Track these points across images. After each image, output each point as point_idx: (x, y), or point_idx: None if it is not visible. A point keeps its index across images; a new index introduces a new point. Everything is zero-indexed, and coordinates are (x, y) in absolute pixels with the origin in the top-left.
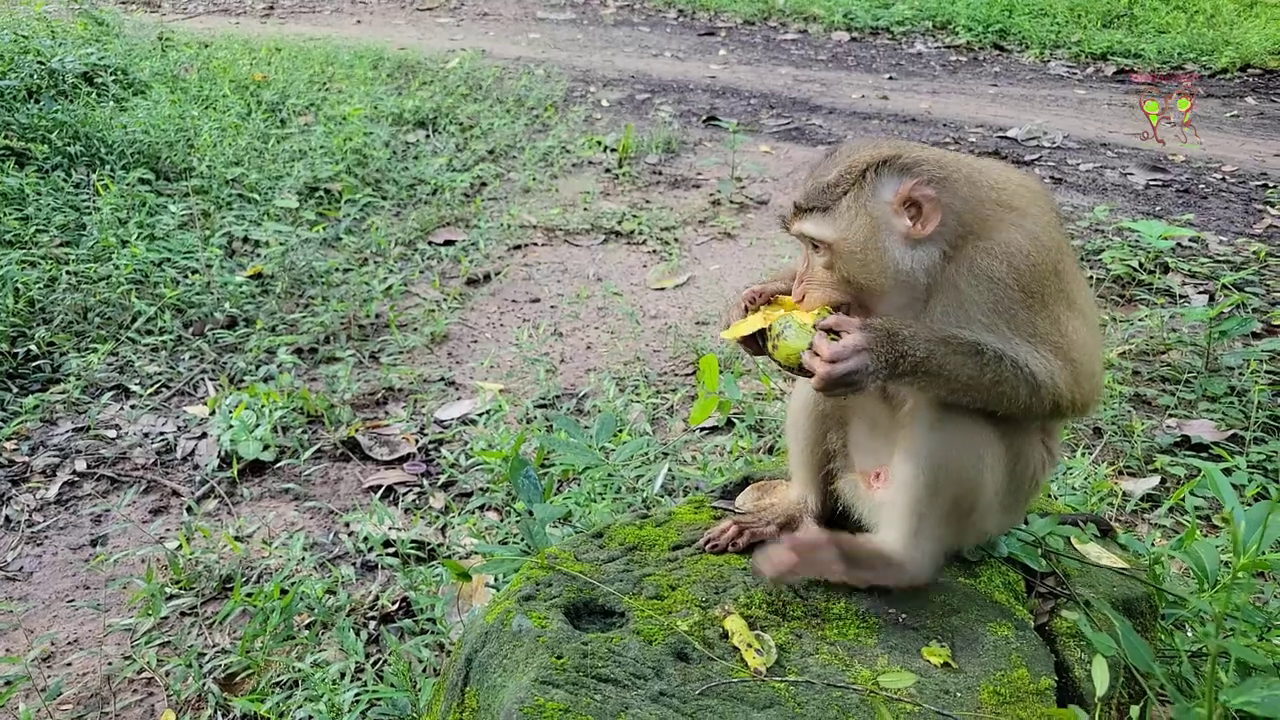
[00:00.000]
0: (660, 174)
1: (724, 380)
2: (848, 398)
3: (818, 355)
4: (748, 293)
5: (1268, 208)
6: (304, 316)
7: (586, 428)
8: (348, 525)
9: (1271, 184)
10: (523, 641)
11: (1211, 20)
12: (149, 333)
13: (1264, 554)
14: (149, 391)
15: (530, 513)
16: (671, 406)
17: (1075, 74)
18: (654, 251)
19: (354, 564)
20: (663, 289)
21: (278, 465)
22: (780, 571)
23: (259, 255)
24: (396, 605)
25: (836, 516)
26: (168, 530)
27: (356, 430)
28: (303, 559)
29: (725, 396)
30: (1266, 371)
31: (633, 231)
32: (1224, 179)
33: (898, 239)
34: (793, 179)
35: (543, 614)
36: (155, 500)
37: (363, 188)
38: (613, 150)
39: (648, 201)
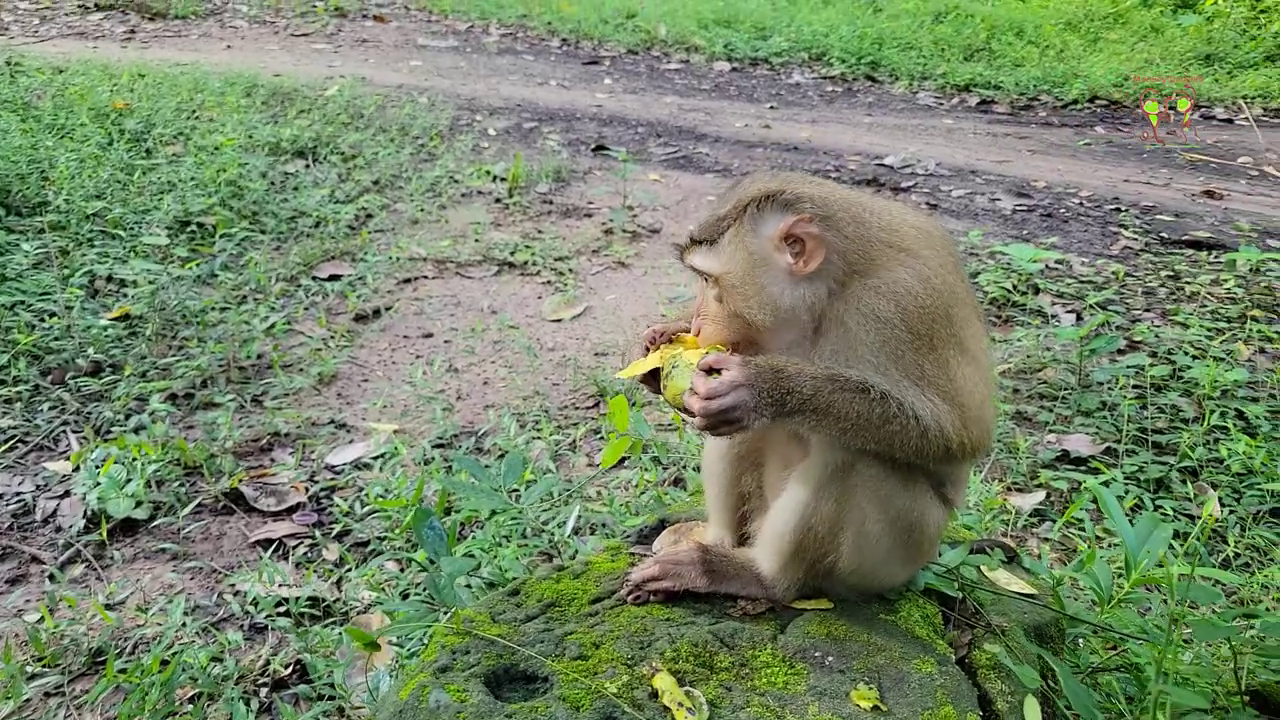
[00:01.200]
0: (551, 203)
1: (634, 419)
2: (735, 435)
3: (695, 393)
4: (649, 332)
5: (1122, 230)
6: (178, 360)
7: (488, 467)
8: (233, 585)
9: (1123, 208)
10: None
11: (1061, 54)
12: (1, 383)
13: (1151, 567)
14: (1, 448)
15: (433, 562)
16: (574, 442)
17: (942, 104)
18: (548, 282)
19: (241, 627)
20: (559, 320)
21: (152, 523)
22: (644, 579)
23: (126, 295)
24: (290, 669)
25: None
26: (27, 601)
27: (240, 480)
28: (184, 625)
29: (637, 436)
30: (1133, 386)
31: (526, 262)
32: (1081, 203)
33: (779, 275)
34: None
35: (461, 686)
36: (11, 569)
37: (239, 221)
38: (502, 179)
39: (540, 231)
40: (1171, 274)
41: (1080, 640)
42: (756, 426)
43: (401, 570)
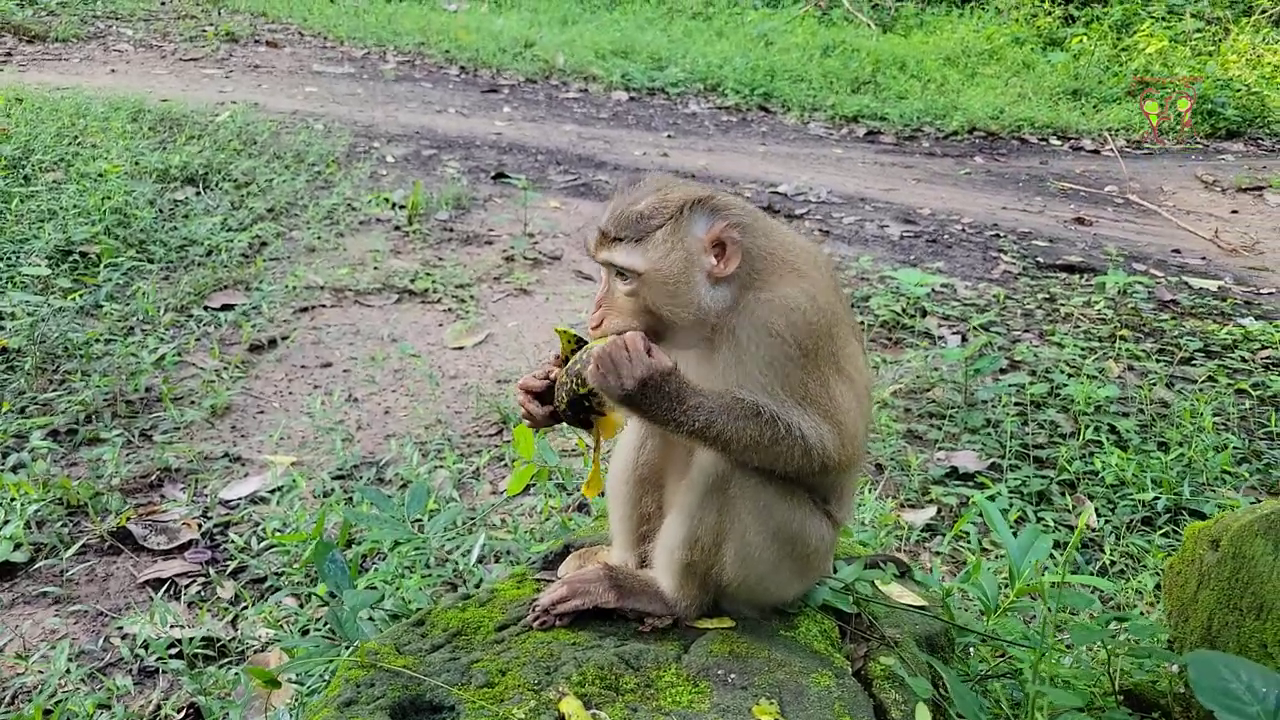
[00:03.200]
0: (452, 231)
1: (539, 446)
2: (607, 404)
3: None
4: (540, 372)
5: (1001, 255)
6: (60, 395)
7: (390, 498)
8: (121, 628)
9: (1002, 234)
10: None
11: (941, 88)
12: None
13: (1033, 577)
14: None
15: (335, 595)
16: (478, 470)
17: (832, 134)
18: (450, 310)
19: (130, 671)
20: (461, 348)
21: (33, 566)
22: (553, 601)
23: (3, 328)
24: (184, 714)
25: None
26: None
27: (128, 519)
28: (68, 672)
29: (542, 464)
30: (1015, 403)
31: (427, 290)
32: (964, 229)
33: (702, 276)
34: (596, 216)
35: (366, 719)
36: None
37: (125, 250)
38: (401, 207)
39: (440, 259)
40: (1048, 296)
41: (971, 649)
42: (655, 413)
43: (301, 606)
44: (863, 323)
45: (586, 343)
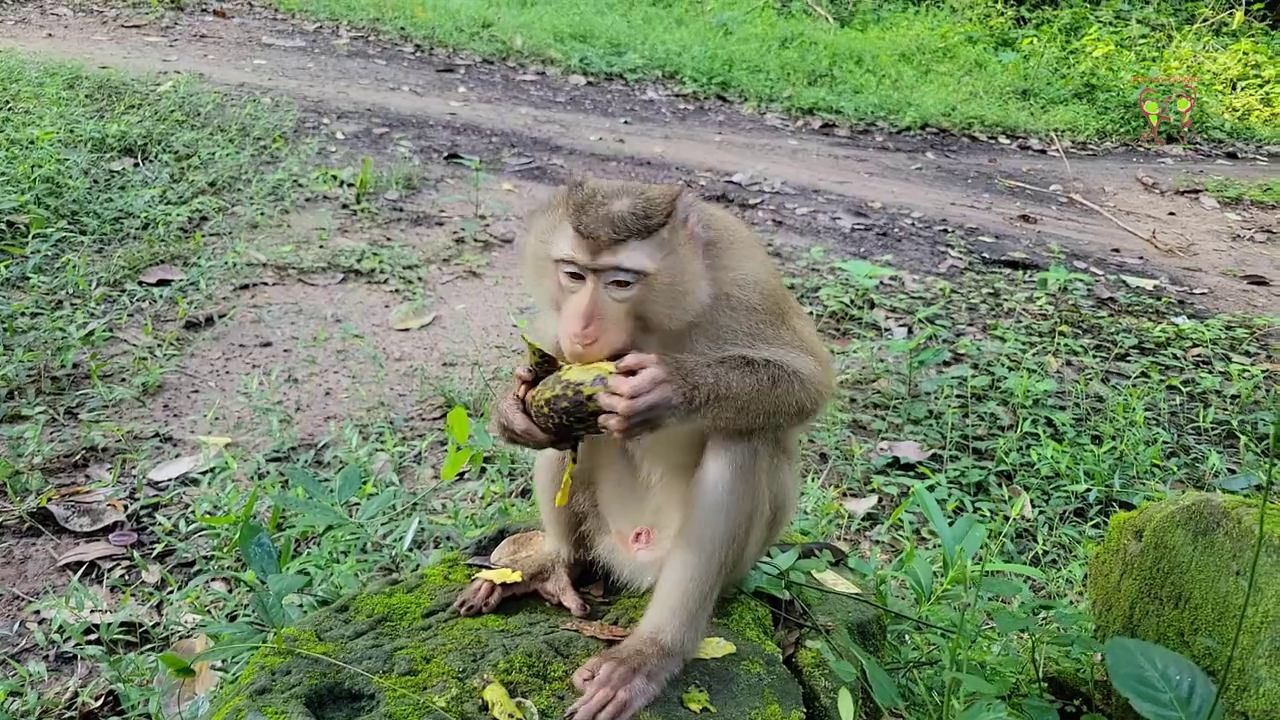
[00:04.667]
0: (401, 210)
1: (474, 430)
2: (644, 437)
3: (617, 394)
4: (516, 385)
5: (949, 250)
6: None
7: (326, 481)
8: (37, 612)
9: (950, 229)
10: None
11: (896, 84)
12: None
13: (966, 565)
14: None
15: (262, 580)
16: (420, 453)
17: (788, 125)
18: (396, 291)
19: (46, 657)
20: (407, 330)
21: None
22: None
23: None
24: (101, 701)
25: (591, 567)
26: None
27: (49, 499)
28: None
29: (476, 448)
30: (957, 396)
31: (373, 270)
32: (913, 224)
33: (701, 269)
34: (580, 214)
35: (280, 709)
36: None
37: (56, 221)
38: (350, 185)
39: (389, 239)
40: (992, 291)
41: (906, 636)
42: (670, 424)
43: (230, 590)
44: (812, 313)
45: (551, 357)
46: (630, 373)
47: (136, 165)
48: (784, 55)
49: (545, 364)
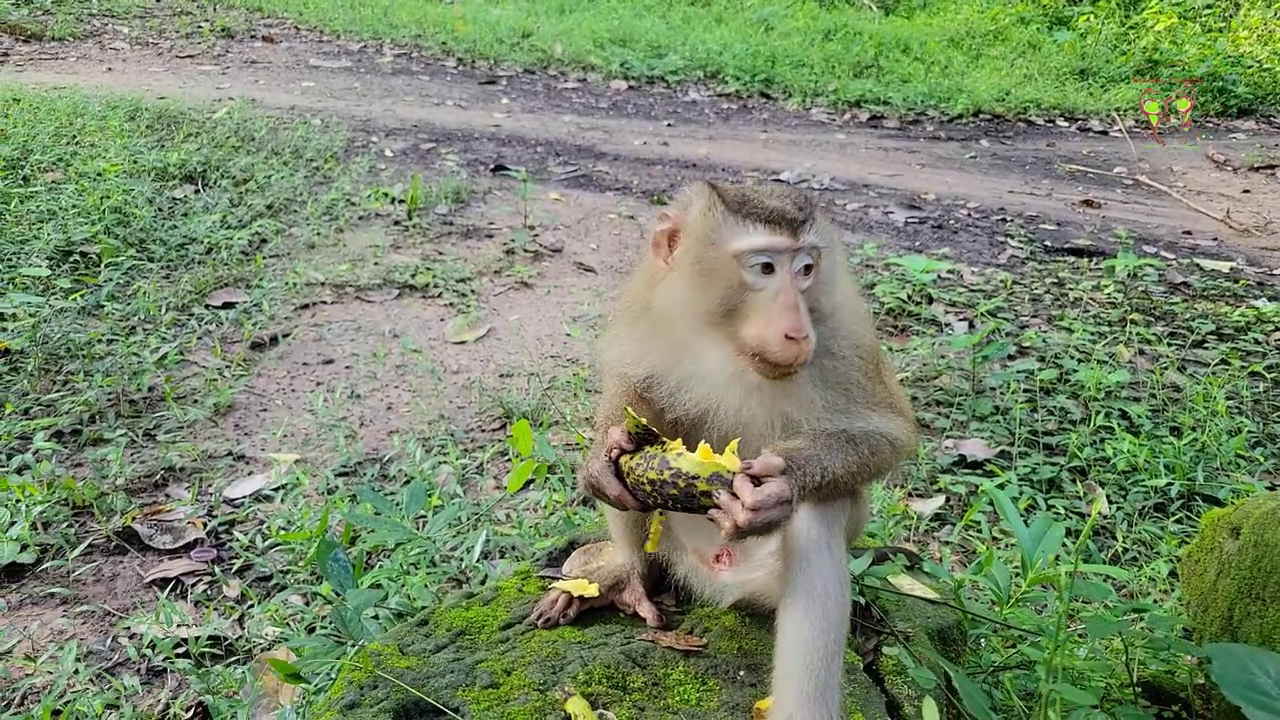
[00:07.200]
0: (451, 224)
1: (537, 441)
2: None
3: (738, 499)
4: (611, 446)
5: (1008, 240)
6: (63, 395)
7: (392, 494)
8: (128, 628)
9: (1009, 218)
10: None
11: (946, 70)
12: None
13: (1046, 566)
14: None
15: (340, 595)
16: (481, 465)
17: (835, 120)
18: (451, 304)
19: (138, 671)
20: (463, 342)
21: (40, 567)
22: None
23: (4, 330)
24: (191, 713)
25: (664, 577)
26: None
27: (133, 519)
28: (76, 672)
29: (541, 460)
30: (1023, 390)
31: (427, 285)
32: (969, 214)
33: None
34: (758, 202)
35: None
36: None
37: (125, 249)
38: (400, 201)
39: (440, 253)
40: (1056, 281)
41: (983, 640)
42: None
43: (307, 604)
44: (869, 310)
45: (651, 430)
46: (756, 480)
47: (197, 192)
48: (827, 48)
49: (644, 435)
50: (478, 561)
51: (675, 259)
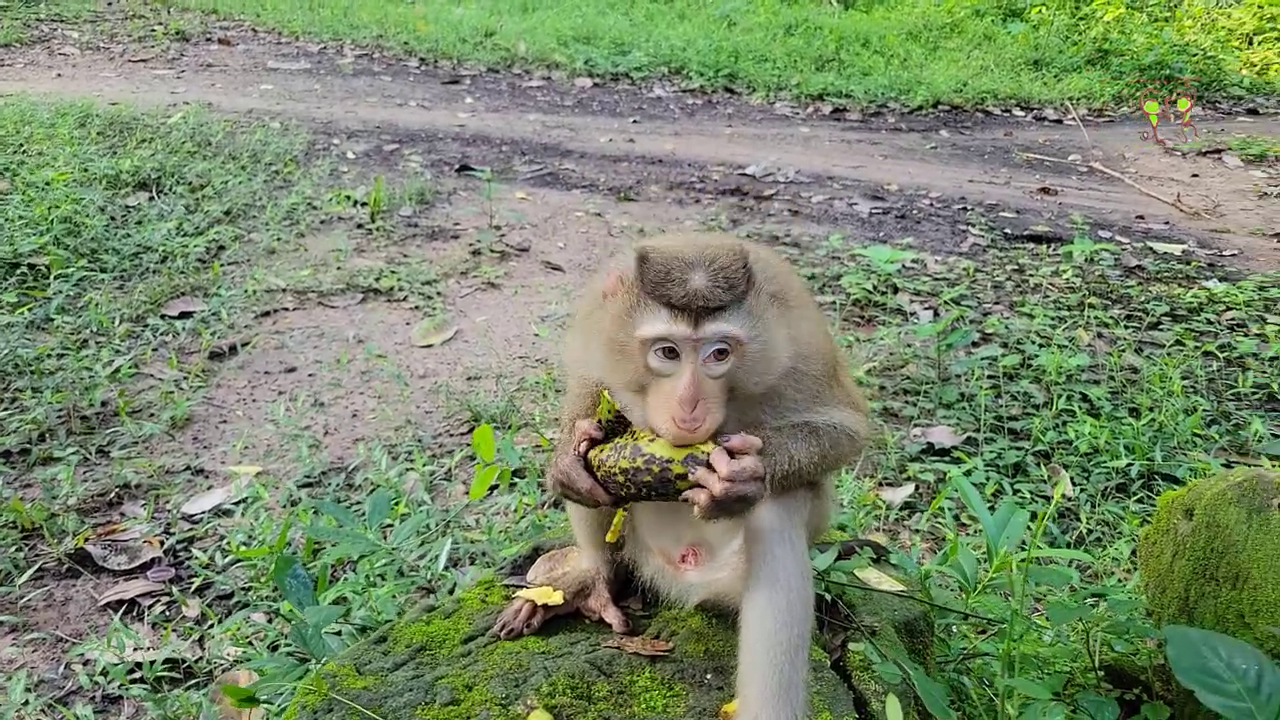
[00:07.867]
0: (416, 226)
1: (501, 445)
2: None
3: (713, 472)
4: (581, 438)
5: (969, 228)
6: (10, 414)
7: (358, 504)
8: (82, 654)
9: (969, 207)
10: None
11: (905, 63)
12: None
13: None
14: None
15: (302, 615)
16: (449, 470)
17: (798, 113)
18: (416, 308)
19: (92, 699)
20: (429, 346)
21: None
22: None
23: None
24: None
25: (630, 580)
26: None
27: (86, 539)
28: (26, 703)
29: (504, 464)
30: (988, 376)
31: (392, 288)
32: (932, 204)
33: (782, 330)
34: (667, 288)
35: None
36: None
37: (76, 260)
38: (363, 204)
39: (405, 255)
40: (1016, 268)
41: (953, 628)
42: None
43: (270, 621)
44: (835, 301)
45: (625, 418)
46: (731, 454)
47: (151, 199)
48: (789, 42)
49: (616, 421)
50: (445, 570)
51: (602, 322)
